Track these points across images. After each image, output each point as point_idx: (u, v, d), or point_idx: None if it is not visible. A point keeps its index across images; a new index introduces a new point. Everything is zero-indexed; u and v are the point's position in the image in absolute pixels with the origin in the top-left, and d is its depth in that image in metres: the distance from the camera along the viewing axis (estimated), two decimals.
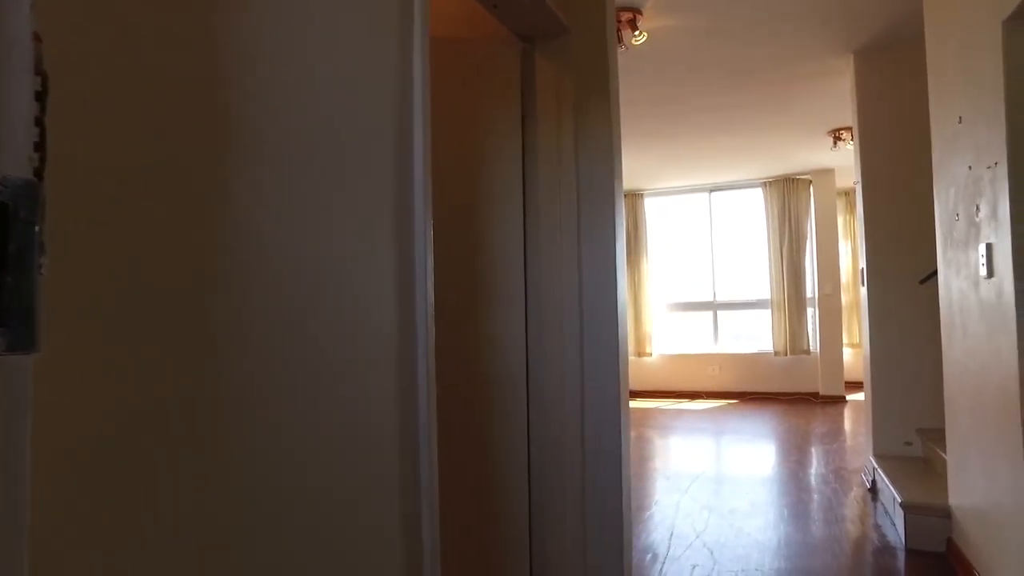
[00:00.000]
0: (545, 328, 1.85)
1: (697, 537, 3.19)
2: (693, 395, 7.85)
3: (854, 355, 7.87)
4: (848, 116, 5.08)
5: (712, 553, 2.98)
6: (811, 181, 7.57)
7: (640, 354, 8.11)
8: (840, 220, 7.91)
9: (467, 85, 1.84)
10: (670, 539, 3.19)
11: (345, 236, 1.01)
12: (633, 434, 5.99)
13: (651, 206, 8.42)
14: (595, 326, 1.83)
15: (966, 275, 2.67)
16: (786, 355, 7.51)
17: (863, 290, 4.16)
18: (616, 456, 1.83)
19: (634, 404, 7.61)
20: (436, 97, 1.27)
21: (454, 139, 1.71)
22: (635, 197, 8.24)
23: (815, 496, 3.89)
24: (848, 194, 8.15)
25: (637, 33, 3.54)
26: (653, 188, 8.24)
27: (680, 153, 6.62)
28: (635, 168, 7.18)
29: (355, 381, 0.98)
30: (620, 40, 3.34)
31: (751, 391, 7.70)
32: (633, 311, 8.16)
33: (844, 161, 6.68)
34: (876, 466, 3.80)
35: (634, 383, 8.13)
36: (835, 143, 5.94)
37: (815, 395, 7.40)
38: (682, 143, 6.20)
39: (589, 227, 1.90)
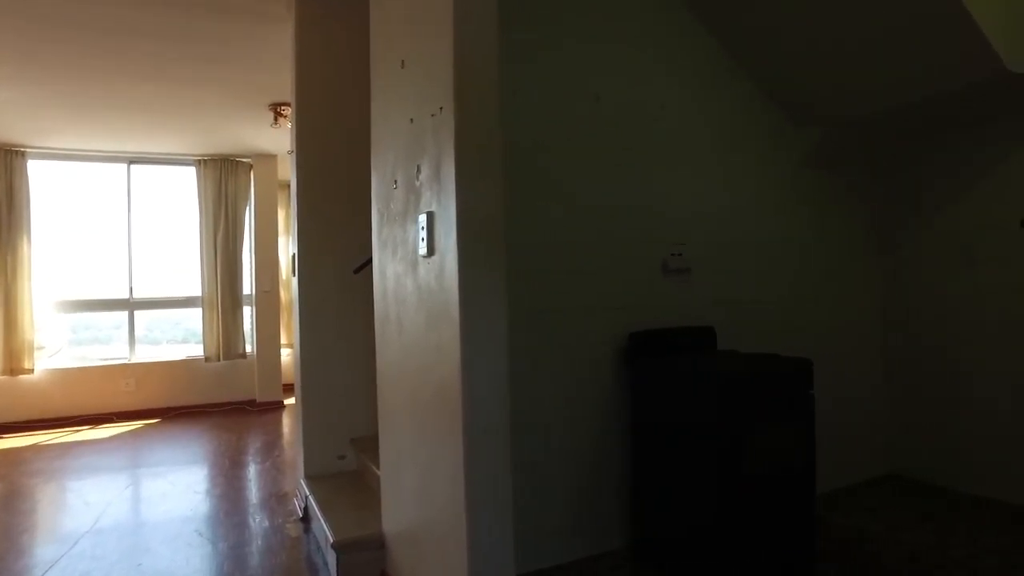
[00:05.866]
0: None
1: None
2: (99, 419, 6.09)
3: (292, 356, 7.48)
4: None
5: None
6: (252, 165, 6.81)
7: (15, 372, 5.86)
8: (281, 214, 7.38)
9: None
10: None
11: None
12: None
13: (40, 171, 6.24)
14: None
15: (403, 256, 2.20)
16: (219, 360, 6.52)
17: (295, 282, 3.52)
18: None
19: (3, 444, 5.39)
20: None
21: None
22: (11, 154, 5.92)
23: (238, 548, 3.01)
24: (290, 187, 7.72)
25: None
26: (44, 147, 6.09)
27: (82, 100, 4.88)
28: (7, 108, 5.05)
29: None
30: None
31: (178, 405, 6.43)
32: (4, 313, 5.84)
33: (287, 147, 6.12)
34: (308, 491, 3.18)
35: (5, 413, 5.84)
36: (276, 119, 5.29)
37: (252, 403, 6.66)
38: (81, 82, 4.53)
39: None
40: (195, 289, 6.69)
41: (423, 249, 1.94)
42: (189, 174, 6.73)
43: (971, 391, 3.30)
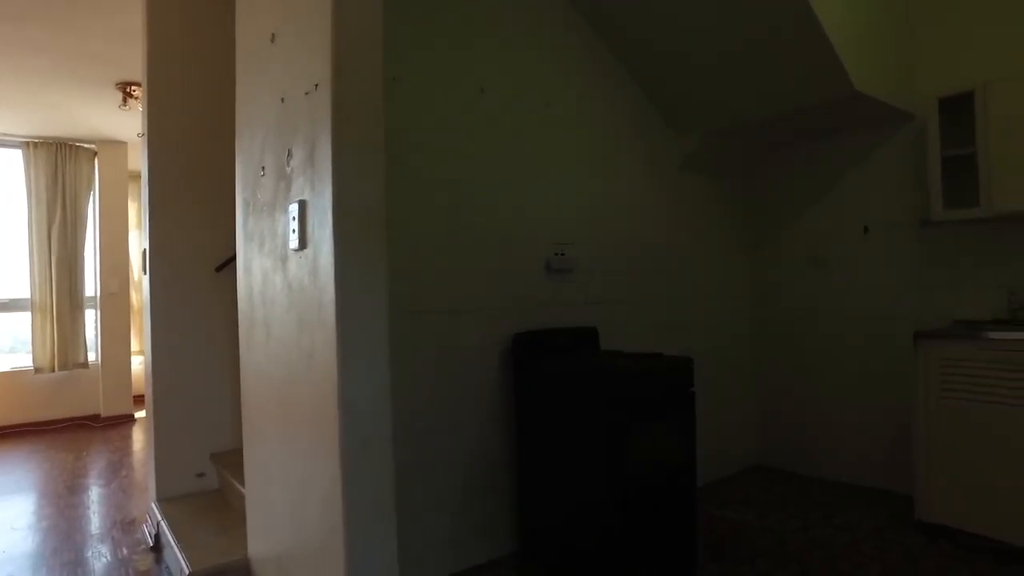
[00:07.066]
0: None
1: None
2: None
3: (144, 364, 6.78)
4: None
5: None
6: (96, 152, 6.10)
7: None
8: (133, 207, 6.68)
9: None
10: None
11: None
12: None
13: None
14: None
15: (271, 249, 1.99)
16: (55, 371, 5.76)
17: (146, 281, 3.14)
18: None
19: None
20: None
21: None
22: None
23: None
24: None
25: None
26: None
27: None
28: None
29: None
30: None
31: (0, 425, 5.62)
32: None
33: (138, 131, 5.52)
34: (160, 515, 2.83)
35: None
36: (125, 101, 4.75)
37: (96, 418, 5.95)
38: None
39: None
40: (23, 290, 5.88)
41: (294, 242, 1.75)
42: (14, 158, 5.90)
43: (820, 386, 3.55)
